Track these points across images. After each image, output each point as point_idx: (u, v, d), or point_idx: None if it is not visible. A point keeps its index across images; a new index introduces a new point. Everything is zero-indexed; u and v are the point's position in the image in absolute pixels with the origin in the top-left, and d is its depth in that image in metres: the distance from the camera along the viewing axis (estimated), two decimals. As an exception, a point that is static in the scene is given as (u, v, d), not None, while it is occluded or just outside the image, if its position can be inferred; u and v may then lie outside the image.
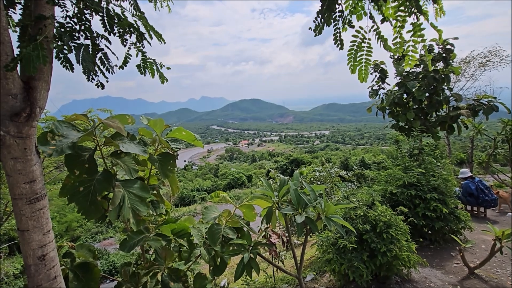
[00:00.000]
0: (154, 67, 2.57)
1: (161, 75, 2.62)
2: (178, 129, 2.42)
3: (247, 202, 2.68)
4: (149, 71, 2.56)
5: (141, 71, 2.51)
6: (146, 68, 2.54)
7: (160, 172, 2.23)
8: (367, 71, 2.62)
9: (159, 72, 2.62)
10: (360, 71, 2.61)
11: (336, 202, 5.67)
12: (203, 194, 34.71)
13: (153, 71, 2.57)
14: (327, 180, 9.65)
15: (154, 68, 2.57)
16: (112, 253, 16.51)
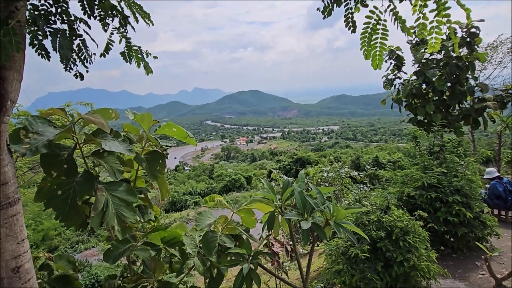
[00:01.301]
0: (139, 55, 2.57)
1: (146, 65, 2.61)
2: (168, 124, 2.42)
3: (246, 207, 2.68)
4: (135, 60, 2.55)
5: (126, 59, 2.51)
6: (131, 56, 2.53)
7: (148, 174, 2.23)
8: (382, 57, 2.62)
9: (144, 61, 2.62)
10: (374, 57, 2.60)
11: (346, 206, 5.68)
12: (196, 198, 34.75)
13: (139, 60, 2.56)
14: (336, 181, 9.66)
15: (139, 57, 2.56)
16: (94, 265, 16.52)
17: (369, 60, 2.64)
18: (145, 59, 2.61)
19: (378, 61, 2.62)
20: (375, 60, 2.62)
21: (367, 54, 2.60)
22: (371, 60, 2.62)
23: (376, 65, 2.64)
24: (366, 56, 2.61)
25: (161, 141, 2.42)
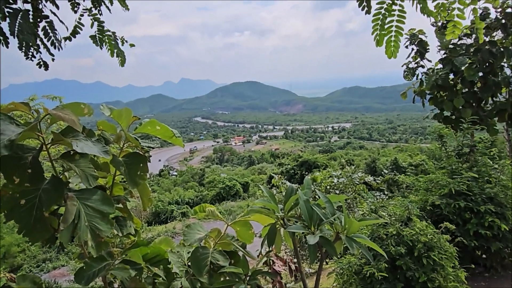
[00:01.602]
0: (113, 42, 2.55)
1: (119, 54, 2.60)
2: (150, 122, 2.41)
3: (243, 218, 2.68)
4: (108, 47, 2.54)
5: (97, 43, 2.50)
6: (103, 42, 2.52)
7: (127, 180, 2.23)
8: (398, 43, 2.60)
9: (117, 49, 2.60)
10: (389, 43, 2.59)
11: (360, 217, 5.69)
12: (184, 208, 34.73)
13: (112, 48, 2.55)
14: (349, 188, 9.67)
15: (114, 44, 2.54)
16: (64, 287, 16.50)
17: (382, 47, 2.61)
18: (120, 47, 2.59)
19: (393, 48, 2.60)
20: (389, 47, 2.60)
21: (380, 40, 2.58)
22: (385, 47, 2.60)
23: (391, 53, 2.62)
24: (378, 42, 2.59)
25: (142, 141, 2.41)
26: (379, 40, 2.60)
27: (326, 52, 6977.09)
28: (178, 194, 40.91)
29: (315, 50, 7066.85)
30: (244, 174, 59.86)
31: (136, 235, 2.65)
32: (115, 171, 2.43)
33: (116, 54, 2.53)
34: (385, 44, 2.62)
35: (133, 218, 2.61)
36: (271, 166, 66.98)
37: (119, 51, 2.58)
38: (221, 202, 37.92)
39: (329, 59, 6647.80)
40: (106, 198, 2.00)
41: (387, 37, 2.58)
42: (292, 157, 43.35)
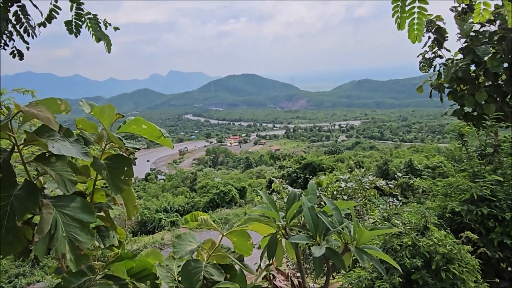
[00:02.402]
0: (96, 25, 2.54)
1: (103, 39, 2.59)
2: (135, 120, 2.41)
3: (240, 228, 2.68)
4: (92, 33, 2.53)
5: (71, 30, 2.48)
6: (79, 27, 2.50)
7: (109, 185, 2.22)
8: (422, 26, 2.59)
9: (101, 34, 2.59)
10: (412, 26, 2.57)
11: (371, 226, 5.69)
12: (173, 217, 34.69)
13: (96, 32, 2.54)
14: (358, 193, 9.68)
15: (98, 28, 2.54)
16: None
17: (404, 30, 2.60)
18: (104, 31, 2.58)
19: (417, 31, 2.58)
20: (412, 31, 2.58)
21: (401, 23, 2.57)
22: (408, 30, 2.59)
23: (415, 36, 2.61)
24: (400, 25, 2.58)
25: (126, 141, 2.41)
26: (400, 23, 2.59)
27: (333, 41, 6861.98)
28: (166, 200, 40.89)
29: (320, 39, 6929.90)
30: (241, 178, 59.87)
31: (120, 247, 2.65)
32: (96, 175, 2.42)
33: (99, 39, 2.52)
34: (407, 28, 2.61)
35: (117, 228, 2.60)
36: (270, 169, 66.96)
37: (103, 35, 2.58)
38: (215, 210, 37.91)
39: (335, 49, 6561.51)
40: (86, 206, 1.99)
41: (410, 19, 2.57)
42: (295, 159, 43.30)
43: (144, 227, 33.16)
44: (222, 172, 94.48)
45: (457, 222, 6.18)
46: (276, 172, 45.03)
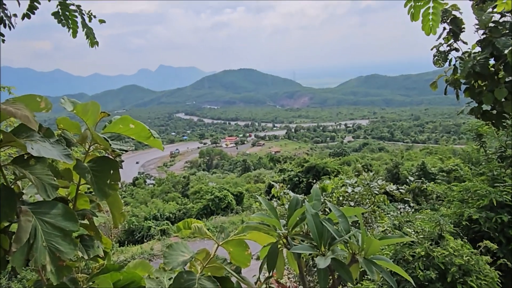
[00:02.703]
0: (79, 19, 2.53)
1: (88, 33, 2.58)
2: (122, 119, 2.41)
3: (237, 237, 2.67)
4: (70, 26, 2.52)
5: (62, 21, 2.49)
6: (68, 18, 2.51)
7: (94, 190, 2.22)
8: (438, 16, 2.57)
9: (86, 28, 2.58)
10: (426, 17, 2.56)
11: (381, 234, 5.69)
12: (164, 225, 34.67)
13: (76, 27, 2.53)
14: (366, 199, 9.68)
15: (77, 21, 2.52)
16: (16, 323, 16.45)
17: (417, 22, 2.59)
18: (88, 24, 2.58)
19: (432, 22, 2.57)
20: (427, 21, 2.57)
21: (415, 13, 2.55)
22: (422, 21, 2.57)
23: (429, 28, 2.60)
24: (413, 16, 2.56)
25: (112, 142, 2.41)
26: (414, 13, 2.58)
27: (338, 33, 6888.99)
28: (156, 207, 40.84)
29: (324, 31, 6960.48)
30: (238, 182, 59.84)
31: (106, 258, 2.64)
32: (79, 179, 2.42)
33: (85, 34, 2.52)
34: (421, 18, 2.59)
35: (102, 237, 2.59)
36: (270, 172, 67.01)
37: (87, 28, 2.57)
38: (210, 217, 37.89)
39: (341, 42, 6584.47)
40: (68, 213, 1.99)
41: (424, 9, 2.55)
42: (296, 161, 43.36)
43: (131, 236, 33.10)
44: (217, 176, 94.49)
45: (475, 230, 6.19)
46: (276, 176, 45.04)
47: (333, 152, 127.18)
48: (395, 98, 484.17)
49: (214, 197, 41.13)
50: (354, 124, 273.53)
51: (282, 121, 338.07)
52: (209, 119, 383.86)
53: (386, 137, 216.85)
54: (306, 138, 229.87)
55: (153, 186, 67.14)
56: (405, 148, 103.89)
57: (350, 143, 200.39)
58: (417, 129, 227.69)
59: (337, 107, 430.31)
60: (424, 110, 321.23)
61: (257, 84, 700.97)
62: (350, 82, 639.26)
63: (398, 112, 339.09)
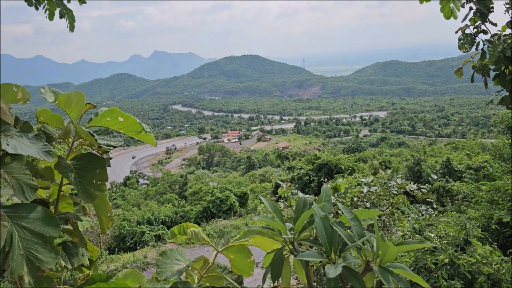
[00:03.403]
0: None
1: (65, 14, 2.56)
2: (110, 111, 2.40)
3: (239, 242, 2.67)
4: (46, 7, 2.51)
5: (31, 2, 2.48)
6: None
7: (78, 191, 2.22)
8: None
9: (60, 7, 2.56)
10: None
11: (399, 240, 5.69)
12: (158, 230, 34.71)
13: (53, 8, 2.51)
14: (384, 200, 9.67)
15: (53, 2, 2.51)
16: None
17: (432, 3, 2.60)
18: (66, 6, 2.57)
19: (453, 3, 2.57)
20: (447, 3, 2.57)
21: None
22: (440, 2, 2.58)
23: (449, 11, 2.60)
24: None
25: (99, 138, 2.41)
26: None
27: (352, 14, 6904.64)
28: (150, 210, 40.86)
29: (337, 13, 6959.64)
30: (241, 182, 59.75)
31: (92, 267, 2.65)
32: (61, 179, 2.42)
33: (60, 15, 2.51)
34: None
35: (88, 244, 2.60)
36: (277, 171, 66.98)
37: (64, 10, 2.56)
38: (210, 221, 37.85)
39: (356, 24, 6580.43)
40: (49, 217, 1.99)
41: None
42: (306, 158, 43.31)
43: (123, 242, 33.12)
44: (218, 175, 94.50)
45: (506, 235, 6.17)
46: (284, 175, 45.03)
47: (347, 147, 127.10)
48: (417, 87, 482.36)
49: (215, 199, 41.11)
50: (370, 116, 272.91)
51: (290, 113, 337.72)
52: (209, 111, 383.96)
53: (406, 130, 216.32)
54: (317, 132, 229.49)
55: (147, 186, 67.20)
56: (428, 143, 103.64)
57: (367, 137, 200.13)
58: (442, 121, 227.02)
59: (352, 97, 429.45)
60: (449, 100, 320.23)
61: (263, 72, 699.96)
62: (366, 70, 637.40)
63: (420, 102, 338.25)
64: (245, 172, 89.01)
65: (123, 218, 35.85)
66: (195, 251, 23.44)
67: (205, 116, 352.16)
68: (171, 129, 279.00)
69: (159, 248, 29.36)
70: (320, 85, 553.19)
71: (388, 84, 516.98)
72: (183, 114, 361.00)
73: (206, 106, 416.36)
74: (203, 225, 33.77)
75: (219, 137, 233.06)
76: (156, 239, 32.96)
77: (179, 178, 62.54)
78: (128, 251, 31.42)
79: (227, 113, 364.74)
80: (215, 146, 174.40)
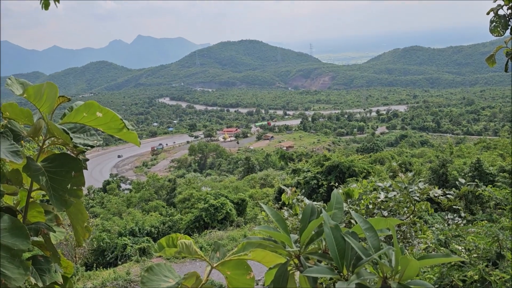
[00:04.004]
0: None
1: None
2: (87, 105, 2.40)
3: (236, 256, 2.68)
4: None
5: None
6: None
7: (50, 197, 2.22)
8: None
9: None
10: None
11: (422, 253, 5.70)
12: (143, 243, 34.75)
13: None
14: (403, 207, 9.67)
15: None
16: None
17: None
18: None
19: None
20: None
21: None
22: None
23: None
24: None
25: (74, 136, 2.41)
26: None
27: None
28: (134, 219, 40.86)
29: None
30: (239, 187, 59.77)
31: (67, 285, 2.65)
32: (31, 183, 2.42)
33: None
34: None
35: (61, 258, 2.60)
36: (280, 174, 67.05)
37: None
38: (203, 232, 37.85)
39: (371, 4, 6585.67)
40: (16, 227, 1.99)
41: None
42: (314, 159, 43.32)
43: (101, 257, 33.12)
44: (212, 178, 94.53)
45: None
46: (289, 179, 45.04)
47: (361, 147, 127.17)
48: (442, 76, 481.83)
49: (208, 206, 41.11)
50: (388, 110, 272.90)
51: (295, 108, 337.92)
52: (201, 105, 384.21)
53: (430, 127, 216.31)
54: (327, 129, 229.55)
55: (130, 192, 67.20)
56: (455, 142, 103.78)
57: (384, 135, 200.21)
58: (471, 116, 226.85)
59: (367, 89, 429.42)
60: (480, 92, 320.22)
61: (263, 60, 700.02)
62: (384, 57, 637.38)
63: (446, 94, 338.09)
64: (243, 175, 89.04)
65: (102, 229, 35.84)
66: (186, 266, 23.42)
67: (197, 111, 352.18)
68: (158, 126, 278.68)
69: (144, 263, 29.38)
70: (330, 74, 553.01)
71: (409, 73, 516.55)
72: (171, 109, 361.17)
73: (198, 100, 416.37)
74: (195, 236, 33.79)
75: (213, 135, 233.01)
76: (141, 253, 32.95)
77: (167, 183, 62.60)
78: (108, 266, 31.42)
79: (223, 108, 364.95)
80: (209, 146, 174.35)
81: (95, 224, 35.64)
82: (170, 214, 44.12)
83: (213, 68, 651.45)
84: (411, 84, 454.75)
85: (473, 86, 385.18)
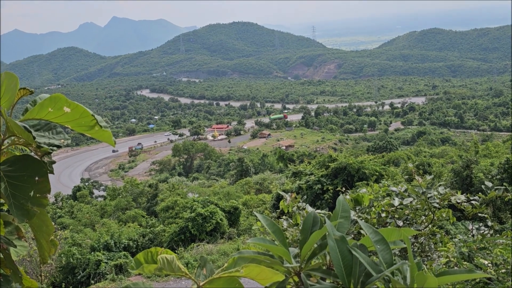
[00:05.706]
0: None
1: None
2: (52, 99, 2.40)
3: (226, 273, 2.68)
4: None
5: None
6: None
7: (10, 206, 2.22)
8: None
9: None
10: None
11: (442, 268, 5.74)
12: (119, 258, 34.72)
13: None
14: (421, 215, 9.68)
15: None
16: None
17: None
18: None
19: None
20: None
21: None
22: None
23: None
24: None
25: (38, 134, 2.41)
26: None
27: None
28: (109, 231, 40.84)
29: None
30: (231, 192, 59.75)
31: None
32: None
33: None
34: None
35: (24, 277, 2.60)
36: (279, 177, 67.08)
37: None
38: (189, 245, 37.89)
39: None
40: (-29, 241, 1.99)
41: None
42: (318, 160, 43.39)
43: (71, 275, 33.08)
44: (200, 183, 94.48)
45: None
46: (288, 183, 45.07)
47: (373, 146, 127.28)
48: (466, 63, 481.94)
49: (195, 216, 41.09)
50: (404, 103, 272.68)
51: (296, 100, 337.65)
52: (187, 99, 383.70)
53: (452, 122, 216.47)
54: (333, 125, 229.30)
55: (104, 199, 67.13)
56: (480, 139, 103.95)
57: (399, 132, 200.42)
58: (499, 110, 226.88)
59: (379, 79, 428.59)
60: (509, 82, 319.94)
61: (259, 46, 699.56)
62: (398, 41, 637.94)
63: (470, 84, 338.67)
64: (236, 179, 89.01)
65: (72, 243, 35.76)
66: (170, 285, 23.43)
67: (182, 105, 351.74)
68: (136, 123, 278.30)
69: (120, 282, 29.37)
70: (336, 62, 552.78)
71: (427, 60, 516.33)
72: (152, 103, 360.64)
73: (182, 92, 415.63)
74: (180, 251, 33.73)
75: (200, 133, 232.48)
76: (117, 271, 32.92)
77: (147, 188, 62.54)
78: (79, 286, 31.41)
79: (211, 101, 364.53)
80: (196, 145, 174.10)
81: (64, 237, 35.50)
82: (151, 225, 44.09)
83: (200, 55, 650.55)
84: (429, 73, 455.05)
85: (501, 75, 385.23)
